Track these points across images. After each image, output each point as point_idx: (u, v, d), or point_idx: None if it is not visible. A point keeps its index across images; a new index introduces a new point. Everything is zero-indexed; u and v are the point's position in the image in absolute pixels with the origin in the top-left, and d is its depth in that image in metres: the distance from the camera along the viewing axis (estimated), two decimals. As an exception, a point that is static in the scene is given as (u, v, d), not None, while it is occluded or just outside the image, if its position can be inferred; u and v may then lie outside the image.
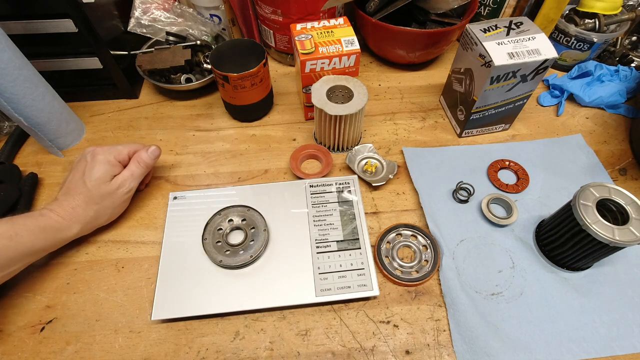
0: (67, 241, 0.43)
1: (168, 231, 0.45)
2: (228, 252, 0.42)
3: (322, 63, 0.50)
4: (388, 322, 0.41)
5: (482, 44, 0.46)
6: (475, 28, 0.48)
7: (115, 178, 0.45)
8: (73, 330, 0.40)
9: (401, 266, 0.44)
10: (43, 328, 0.41)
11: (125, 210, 0.49)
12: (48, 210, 0.41)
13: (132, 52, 0.61)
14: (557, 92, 0.61)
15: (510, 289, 0.43)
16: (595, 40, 0.60)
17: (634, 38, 0.67)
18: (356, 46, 0.50)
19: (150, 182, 0.52)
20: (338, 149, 0.55)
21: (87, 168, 0.44)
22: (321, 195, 0.48)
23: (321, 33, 0.51)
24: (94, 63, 0.56)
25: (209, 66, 0.62)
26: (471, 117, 0.53)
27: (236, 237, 0.44)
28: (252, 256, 0.42)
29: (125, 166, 0.47)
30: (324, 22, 0.53)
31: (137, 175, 0.46)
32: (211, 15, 0.65)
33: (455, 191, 0.50)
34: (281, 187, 0.49)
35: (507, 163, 0.53)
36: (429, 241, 0.46)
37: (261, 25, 0.64)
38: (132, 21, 0.60)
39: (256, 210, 0.45)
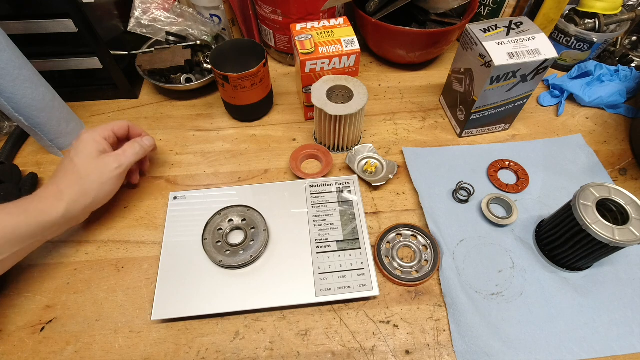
0: (56, 226, 0.39)
1: (168, 231, 0.45)
2: (228, 252, 0.42)
3: (322, 63, 0.50)
4: (388, 322, 0.41)
5: (482, 44, 0.46)
6: (475, 28, 0.48)
7: (107, 154, 0.43)
8: (73, 330, 0.40)
9: (401, 266, 0.44)
10: (43, 328, 0.41)
11: (125, 210, 0.49)
12: (35, 194, 0.39)
13: (132, 52, 0.61)
14: (557, 92, 0.61)
15: (510, 289, 0.43)
16: (595, 40, 0.60)
17: (634, 38, 0.67)
18: (356, 46, 0.50)
19: (150, 181, 0.52)
20: (338, 149, 0.55)
21: (72, 148, 0.43)
22: (321, 195, 0.48)
23: (321, 33, 0.51)
24: (94, 63, 0.56)
25: (209, 66, 0.62)
26: (471, 117, 0.53)
27: (236, 237, 0.44)
28: (252, 256, 0.42)
29: (113, 145, 0.46)
30: (324, 22, 0.53)
31: (129, 155, 0.44)
32: (211, 15, 0.65)
33: (455, 191, 0.50)
34: (281, 187, 0.49)
35: (507, 163, 0.53)
36: (429, 241, 0.46)
37: (261, 25, 0.64)
38: (132, 21, 0.60)
39: (256, 210, 0.45)
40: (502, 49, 0.46)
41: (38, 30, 0.50)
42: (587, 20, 0.62)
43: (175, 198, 0.48)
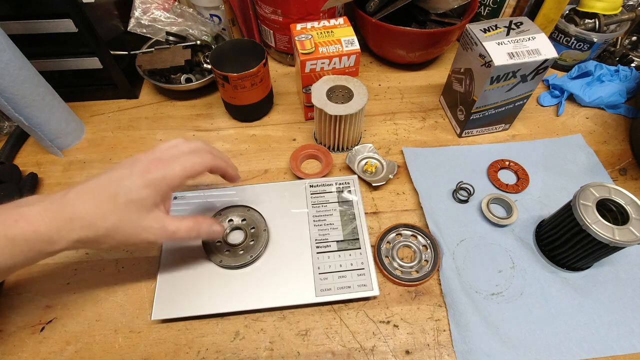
0: (48, 256, 0.32)
1: (168, 231, 0.45)
2: (228, 252, 0.42)
3: (322, 63, 0.50)
4: (388, 322, 0.41)
5: (482, 44, 0.46)
6: (475, 28, 0.48)
7: (157, 217, 0.34)
8: (73, 330, 0.40)
9: (401, 266, 0.44)
10: (43, 328, 0.41)
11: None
12: (37, 211, 0.30)
13: (132, 52, 0.61)
14: (557, 92, 0.61)
15: (510, 289, 0.43)
16: (595, 40, 0.60)
17: (634, 38, 0.67)
18: (356, 46, 0.50)
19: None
20: (338, 149, 0.55)
21: (130, 178, 0.32)
22: (321, 195, 0.48)
23: (321, 33, 0.51)
24: (94, 63, 0.56)
25: (209, 66, 0.62)
26: (471, 117, 0.53)
27: (236, 237, 0.44)
28: (252, 256, 0.42)
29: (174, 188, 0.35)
30: (324, 22, 0.53)
31: (178, 237, 0.35)
32: (211, 15, 0.65)
33: (455, 191, 0.50)
34: (281, 187, 0.49)
35: (507, 163, 0.53)
36: (429, 241, 0.46)
37: (261, 25, 0.64)
38: (132, 21, 0.60)
39: (256, 210, 0.45)
40: (502, 49, 0.46)
41: (38, 30, 0.50)
42: (587, 20, 0.62)
43: (175, 198, 0.48)
